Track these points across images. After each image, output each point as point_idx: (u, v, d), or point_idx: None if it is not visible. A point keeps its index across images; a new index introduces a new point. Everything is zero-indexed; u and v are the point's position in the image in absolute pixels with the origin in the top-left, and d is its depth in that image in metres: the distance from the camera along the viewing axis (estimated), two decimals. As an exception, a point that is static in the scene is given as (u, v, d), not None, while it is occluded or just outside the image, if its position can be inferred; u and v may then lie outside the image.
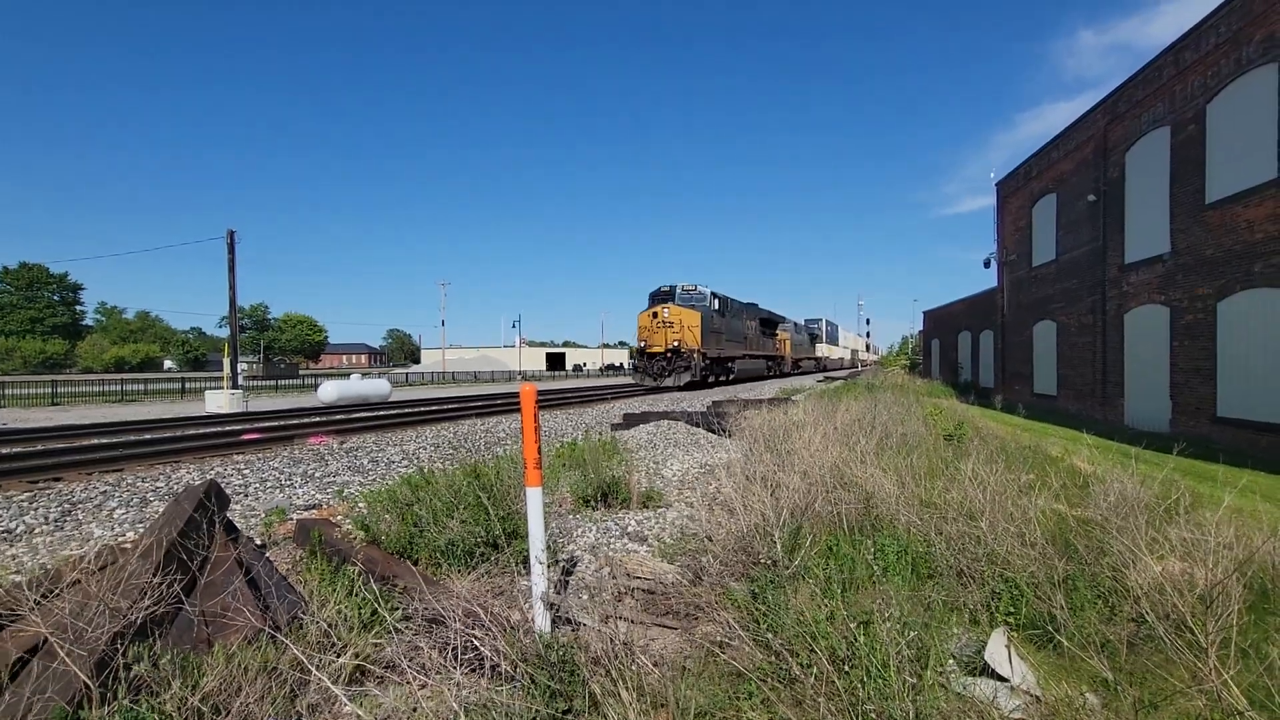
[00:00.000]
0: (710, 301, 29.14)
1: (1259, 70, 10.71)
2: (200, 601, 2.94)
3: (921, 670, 2.27)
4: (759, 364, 37.84)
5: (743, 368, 34.00)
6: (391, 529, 4.32)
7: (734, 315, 33.00)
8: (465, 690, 2.37)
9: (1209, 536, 3.23)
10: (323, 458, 8.25)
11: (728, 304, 31.85)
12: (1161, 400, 13.42)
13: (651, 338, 27.19)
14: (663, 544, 4.68)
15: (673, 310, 27.28)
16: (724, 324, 30.79)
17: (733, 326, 32.37)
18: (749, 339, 35.67)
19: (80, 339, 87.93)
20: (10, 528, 4.99)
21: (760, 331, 38.52)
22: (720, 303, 30.66)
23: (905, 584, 3.39)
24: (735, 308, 33.40)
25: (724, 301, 31.27)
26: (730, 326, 31.93)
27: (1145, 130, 14.21)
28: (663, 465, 7.80)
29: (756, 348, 37.32)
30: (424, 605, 2.90)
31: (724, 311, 30.99)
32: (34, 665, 2.40)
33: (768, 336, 40.85)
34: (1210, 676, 2.20)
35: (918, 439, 7.47)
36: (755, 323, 37.57)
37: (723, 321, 30.59)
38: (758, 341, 37.79)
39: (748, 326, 35.51)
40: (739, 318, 33.89)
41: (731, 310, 32.61)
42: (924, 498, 4.43)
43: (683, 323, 26.87)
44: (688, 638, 3.03)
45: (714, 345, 28.91)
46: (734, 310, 33.27)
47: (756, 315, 38.19)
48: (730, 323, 32.01)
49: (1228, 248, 11.46)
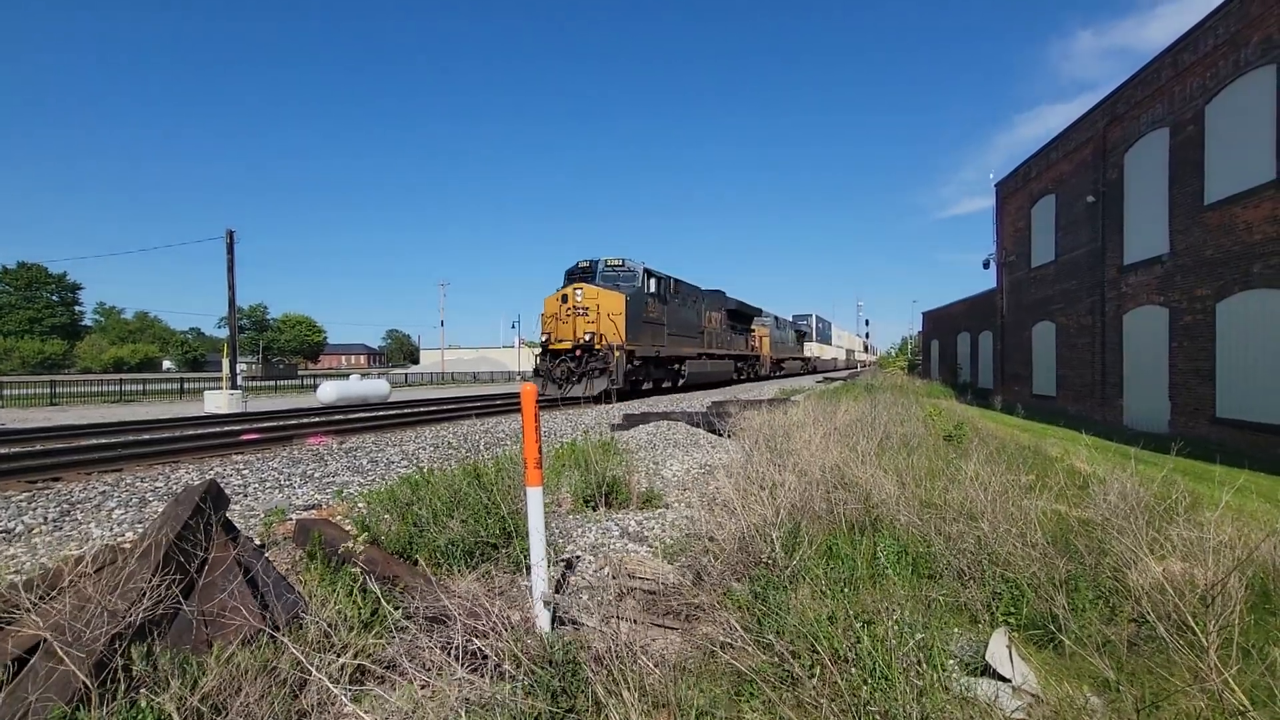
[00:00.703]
0: (643, 281, 21.21)
1: (1257, 72, 10.73)
2: (199, 602, 2.93)
3: (925, 671, 2.26)
4: (724, 365, 30.11)
5: (698, 370, 26.04)
6: (392, 529, 4.31)
7: (684, 303, 25.18)
8: (467, 690, 2.36)
9: (1209, 535, 3.23)
10: (322, 458, 8.24)
11: (672, 287, 23.96)
12: (1160, 401, 13.43)
13: (558, 329, 19.41)
14: (663, 544, 4.67)
15: (588, 293, 19.30)
16: (665, 313, 22.97)
17: (680, 317, 24.58)
18: (709, 334, 27.97)
19: (79, 339, 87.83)
20: (9, 528, 4.97)
21: (728, 326, 31.13)
22: (659, 284, 22.65)
23: (906, 584, 3.39)
24: (687, 293, 25.66)
25: (665, 283, 23.16)
26: (677, 316, 24.23)
27: (1144, 131, 14.24)
28: (662, 465, 7.79)
29: (721, 345, 29.73)
30: (425, 604, 2.90)
31: (664, 296, 23.06)
32: (32, 665, 2.39)
33: (740, 332, 33.22)
34: (1212, 676, 2.20)
35: (917, 439, 7.47)
36: (720, 314, 29.99)
37: (663, 310, 22.81)
38: (723, 338, 30.21)
39: (707, 318, 27.78)
40: (691, 305, 26.00)
41: (680, 296, 24.81)
42: (924, 498, 4.43)
43: (600, 308, 19.02)
44: (689, 638, 3.03)
45: (648, 340, 21.27)
46: (684, 296, 25.33)
47: (721, 305, 30.53)
48: (677, 312, 24.30)
49: (1226, 249, 11.48)
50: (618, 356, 18.83)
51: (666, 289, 23.44)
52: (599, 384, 18.29)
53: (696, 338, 26.48)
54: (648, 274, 21.73)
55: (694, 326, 26.28)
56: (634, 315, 20.09)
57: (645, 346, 21.04)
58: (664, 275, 23.17)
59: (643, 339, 20.81)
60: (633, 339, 19.85)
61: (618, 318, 19.26)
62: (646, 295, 21.40)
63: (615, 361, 18.70)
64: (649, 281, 21.86)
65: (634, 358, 20.22)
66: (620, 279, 20.74)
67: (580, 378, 18.42)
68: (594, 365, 18.45)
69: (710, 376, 28.00)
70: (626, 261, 21.06)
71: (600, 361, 18.42)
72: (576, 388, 18.27)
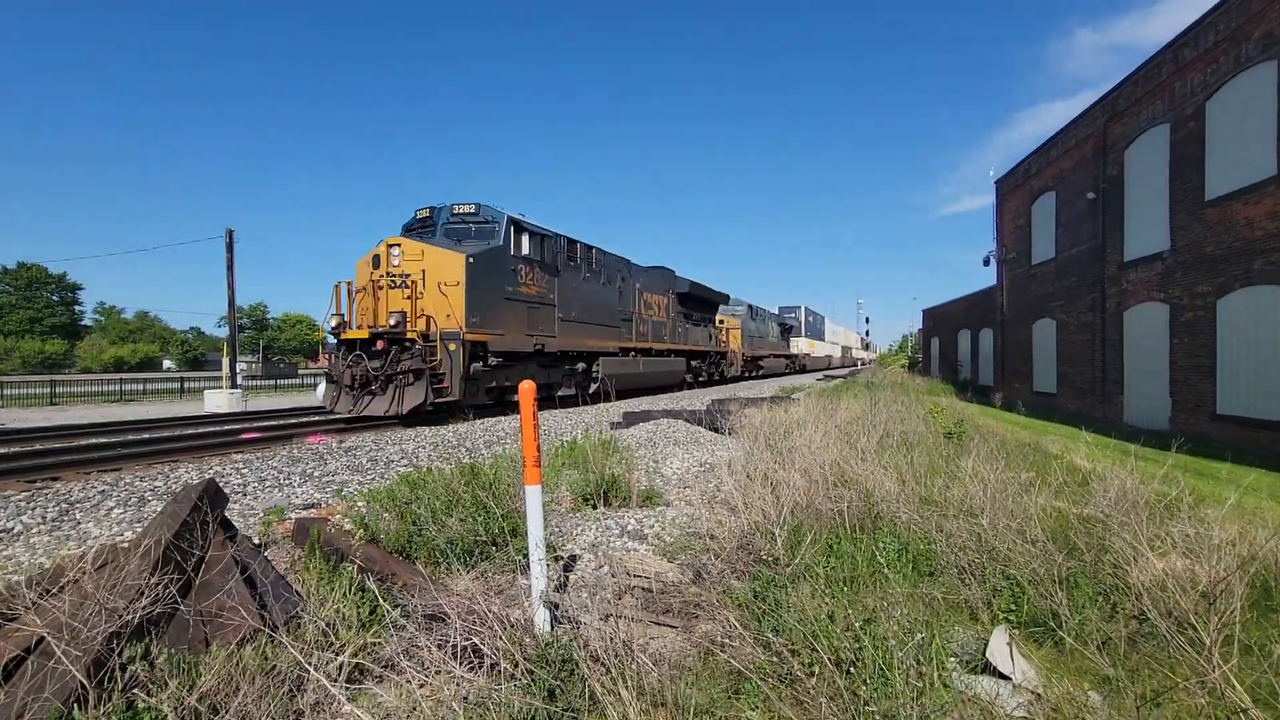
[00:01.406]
0: (507, 239, 13.88)
1: (1258, 67, 10.70)
2: (197, 601, 2.93)
3: (926, 669, 2.26)
4: (669, 365, 22.19)
5: (622, 372, 18.47)
6: (390, 528, 4.31)
7: (597, 277, 17.88)
8: (465, 688, 2.35)
9: (1212, 531, 3.22)
10: (321, 457, 8.23)
11: (572, 251, 16.58)
12: (1161, 398, 13.42)
13: (361, 306, 12.88)
14: (663, 542, 4.67)
15: (409, 252, 12.59)
16: (558, 289, 15.60)
17: (589, 297, 17.29)
18: (645, 323, 20.72)
19: (79, 339, 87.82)
20: (8, 527, 4.97)
21: (679, 314, 23.92)
22: (540, 245, 14.98)
23: (906, 581, 3.38)
24: (604, 265, 18.29)
25: (552, 244, 15.45)
26: (582, 296, 16.91)
27: (1145, 127, 14.21)
28: (662, 464, 7.79)
29: (666, 337, 22.14)
30: (424, 603, 2.89)
31: (552, 263, 15.40)
32: (30, 665, 2.38)
33: (698, 323, 26.15)
34: (1213, 673, 2.19)
35: (918, 437, 7.46)
36: (665, 298, 22.57)
37: (552, 283, 15.39)
38: (670, 328, 22.69)
39: (642, 302, 20.58)
40: (609, 282, 18.59)
41: (589, 267, 17.39)
42: (924, 495, 4.43)
43: (427, 276, 12.43)
44: (688, 636, 3.02)
45: (516, 326, 14.07)
46: (598, 268, 17.91)
47: (668, 286, 23.12)
48: (582, 289, 16.96)
49: (1227, 245, 11.46)
50: (452, 351, 11.95)
51: (555, 253, 15.51)
52: (415, 395, 11.44)
53: (619, 326, 18.99)
54: (517, 228, 14.07)
55: (614, 311, 18.73)
56: (485, 287, 12.93)
57: (510, 336, 13.75)
58: (551, 233, 15.44)
59: (505, 324, 13.60)
60: (482, 323, 12.83)
61: (453, 290, 12.27)
62: (514, 260, 13.91)
63: (450, 364, 11.93)
64: (519, 240, 14.17)
65: (485, 352, 13.19)
66: (472, 234, 13.71)
67: (385, 385, 11.55)
68: (407, 365, 11.48)
69: (645, 379, 20.01)
70: (482, 209, 13.92)
71: (416, 359, 11.51)
72: (377, 402, 11.53)
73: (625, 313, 19.52)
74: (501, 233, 13.83)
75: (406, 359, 11.67)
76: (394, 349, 11.77)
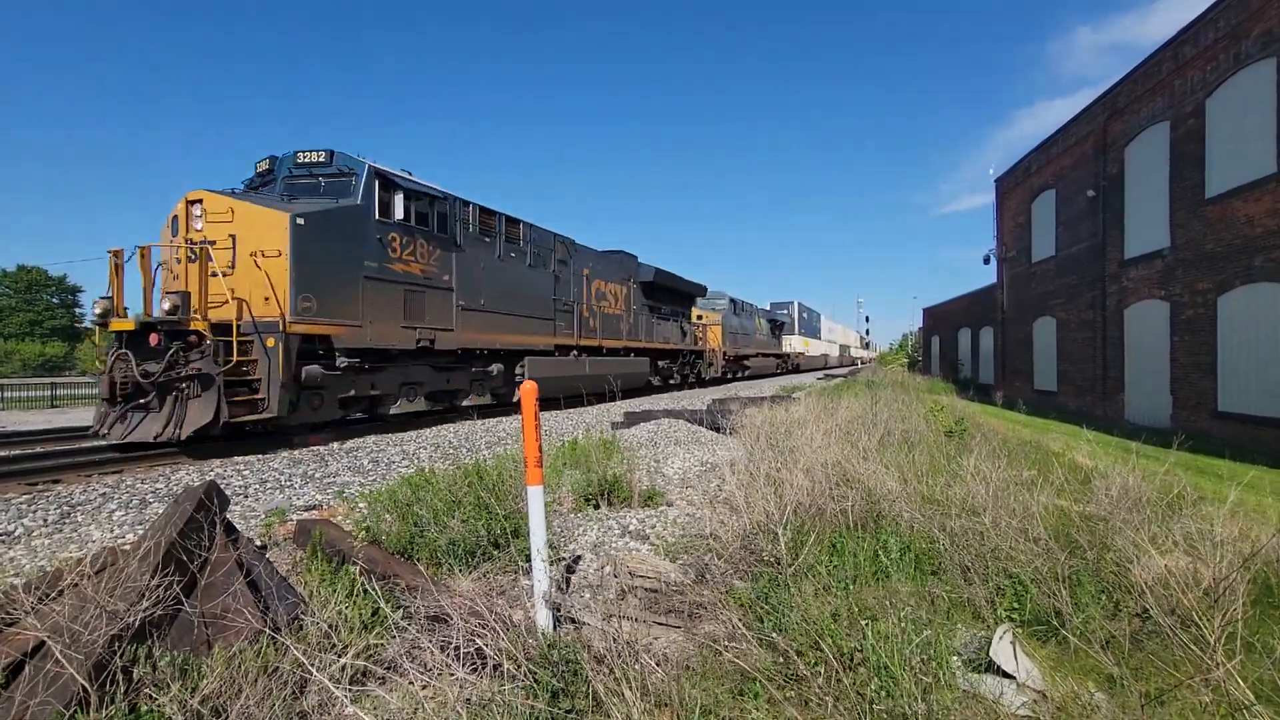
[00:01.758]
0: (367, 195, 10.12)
1: (1258, 65, 10.70)
2: (200, 603, 2.92)
3: (931, 668, 2.25)
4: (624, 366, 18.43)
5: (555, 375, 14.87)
6: (392, 529, 4.31)
7: (523, 255, 14.23)
8: (468, 689, 2.35)
9: (1215, 528, 3.22)
10: (323, 458, 8.23)
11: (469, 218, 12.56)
12: (1162, 395, 13.41)
13: (166, 286, 9.16)
14: (665, 542, 4.66)
15: (214, 209, 8.97)
16: (458, 266, 12.04)
17: (496, 279, 13.19)
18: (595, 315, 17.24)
19: (80, 341, 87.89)
20: (9, 530, 4.96)
21: (644, 306, 20.63)
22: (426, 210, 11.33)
23: (909, 580, 3.38)
24: (531, 239, 14.61)
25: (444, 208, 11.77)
26: (481, 277, 12.75)
27: (1145, 125, 14.20)
28: (664, 463, 7.78)
29: (617, 333, 18.59)
30: (426, 604, 2.89)
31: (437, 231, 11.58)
32: (30, 669, 2.38)
33: (668, 317, 22.70)
34: (1216, 671, 2.19)
35: (919, 436, 7.46)
36: (625, 288, 19.17)
37: (449, 260, 11.84)
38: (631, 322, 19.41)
39: (590, 290, 17.15)
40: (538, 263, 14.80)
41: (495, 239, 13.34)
42: (926, 494, 4.42)
43: (237, 244, 8.80)
44: (691, 636, 3.02)
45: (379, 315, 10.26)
46: (516, 244, 14.09)
47: (628, 274, 19.64)
48: (485, 270, 12.90)
49: (1228, 242, 11.45)
50: (270, 347, 8.64)
51: (454, 222, 11.81)
52: (198, 411, 7.99)
53: (556, 319, 15.20)
54: (385, 184, 10.39)
55: (548, 300, 14.88)
56: (327, 260, 9.39)
57: (374, 327, 10.09)
58: (444, 194, 11.60)
59: (365, 312, 9.92)
60: (320, 309, 9.27)
61: (273, 263, 8.82)
62: (380, 226, 10.21)
63: (270, 359, 8.63)
64: (389, 200, 10.45)
65: (329, 350, 9.58)
66: (321, 190, 10.11)
67: (163, 396, 8.21)
68: (194, 369, 8.08)
69: (592, 383, 15.41)
70: (337, 157, 10.28)
71: (208, 360, 8.12)
72: (149, 421, 8.22)
73: (565, 303, 15.84)
74: (360, 188, 9.87)
75: (196, 358, 8.15)
76: (175, 345, 8.11)
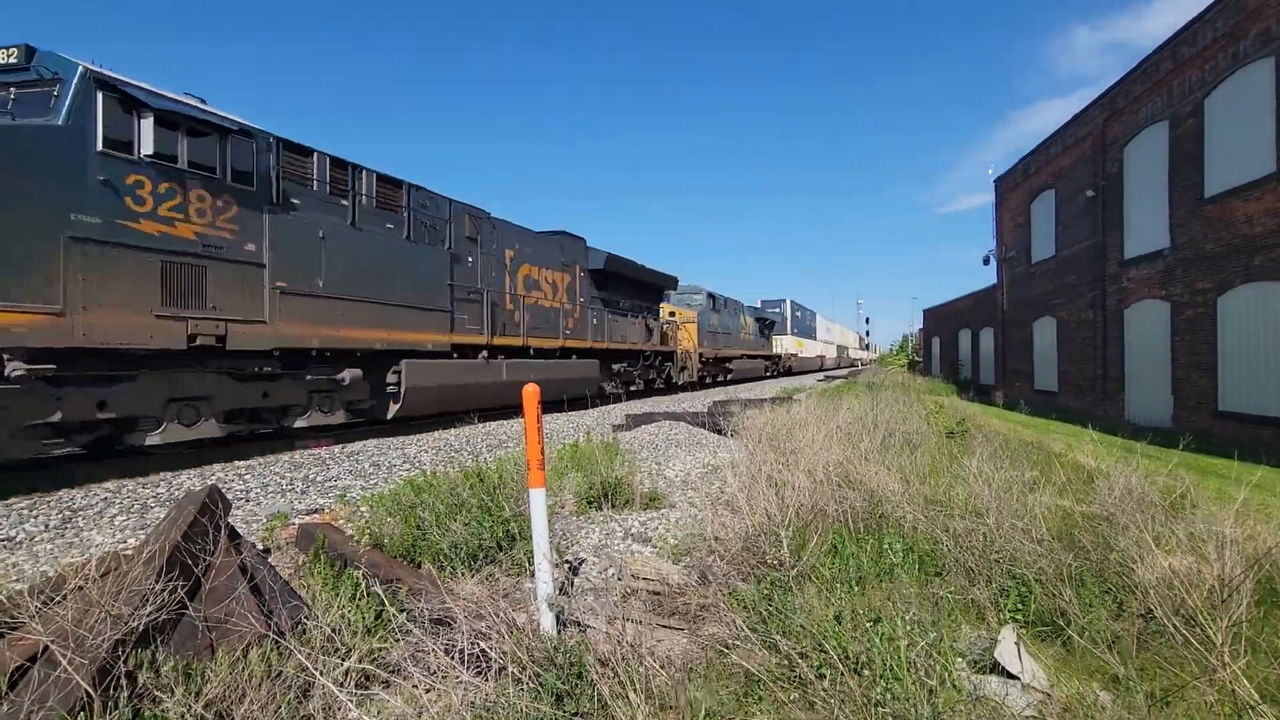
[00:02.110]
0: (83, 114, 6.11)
1: (1256, 64, 10.72)
2: (203, 607, 2.92)
3: (936, 670, 2.25)
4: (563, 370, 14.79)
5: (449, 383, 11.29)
6: (395, 532, 4.30)
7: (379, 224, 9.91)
8: (472, 693, 2.35)
9: (1219, 528, 3.21)
10: (324, 462, 8.23)
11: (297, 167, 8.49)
12: (1163, 395, 13.41)
13: None
14: (667, 545, 4.66)
15: None
16: (244, 226, 7.53)
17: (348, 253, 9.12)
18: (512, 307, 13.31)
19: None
20: (11, 535, 4.96)
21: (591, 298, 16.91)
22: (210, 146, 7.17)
23: (913, 581, 3.37)
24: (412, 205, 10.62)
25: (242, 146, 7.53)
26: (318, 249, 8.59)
27: (1143, 125, 14.22)
28: (665, 466, 7.78)
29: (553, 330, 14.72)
30: (429, 607, 2.88)
31: (230, 180, 7.38)
32: (34, 673, 2.37)
33: (629, 313, 19.32)
34: (1222, 671, 2.19)
35: (920, 437, 7.46)
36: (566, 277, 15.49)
37: (236, 216, 7.43)
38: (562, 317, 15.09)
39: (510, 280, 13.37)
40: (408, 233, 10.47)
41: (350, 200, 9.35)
42: (928, 495, 4.42)
43: None
44: (695, 639, 3.01)
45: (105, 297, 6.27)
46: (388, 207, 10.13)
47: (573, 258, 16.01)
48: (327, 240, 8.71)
49: (1227, 242, 11.46)
50: None
51: (265, 170, 8.07)
52: None
53: (453, 310, 11.52)
54: (124, 102, 6.63)
55: (439, 286, 11.16)
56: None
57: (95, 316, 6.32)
58: (242, 126, 7.78)
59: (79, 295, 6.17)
60: None
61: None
62: (116, 163, 6.51)
63: None
64: (128, 122, 6.67)
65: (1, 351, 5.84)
66: (10, 104, 6.19)
67: None
68: None
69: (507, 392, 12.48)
70: (40, 58, 6.37)
71: None
72: None
73: (471, 290, 12.09)
74: (65, 103, 6.23)
75: None
76: None
